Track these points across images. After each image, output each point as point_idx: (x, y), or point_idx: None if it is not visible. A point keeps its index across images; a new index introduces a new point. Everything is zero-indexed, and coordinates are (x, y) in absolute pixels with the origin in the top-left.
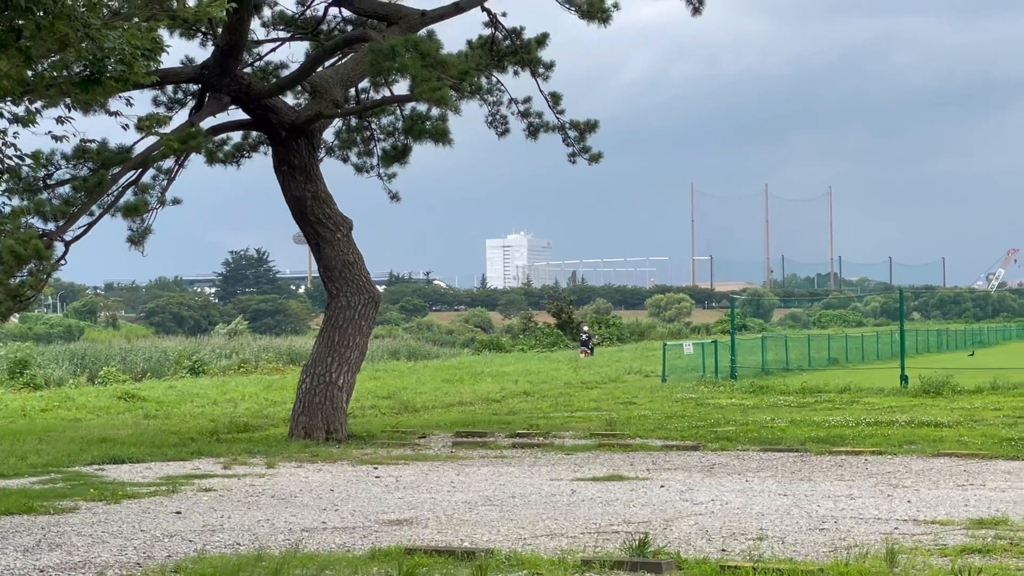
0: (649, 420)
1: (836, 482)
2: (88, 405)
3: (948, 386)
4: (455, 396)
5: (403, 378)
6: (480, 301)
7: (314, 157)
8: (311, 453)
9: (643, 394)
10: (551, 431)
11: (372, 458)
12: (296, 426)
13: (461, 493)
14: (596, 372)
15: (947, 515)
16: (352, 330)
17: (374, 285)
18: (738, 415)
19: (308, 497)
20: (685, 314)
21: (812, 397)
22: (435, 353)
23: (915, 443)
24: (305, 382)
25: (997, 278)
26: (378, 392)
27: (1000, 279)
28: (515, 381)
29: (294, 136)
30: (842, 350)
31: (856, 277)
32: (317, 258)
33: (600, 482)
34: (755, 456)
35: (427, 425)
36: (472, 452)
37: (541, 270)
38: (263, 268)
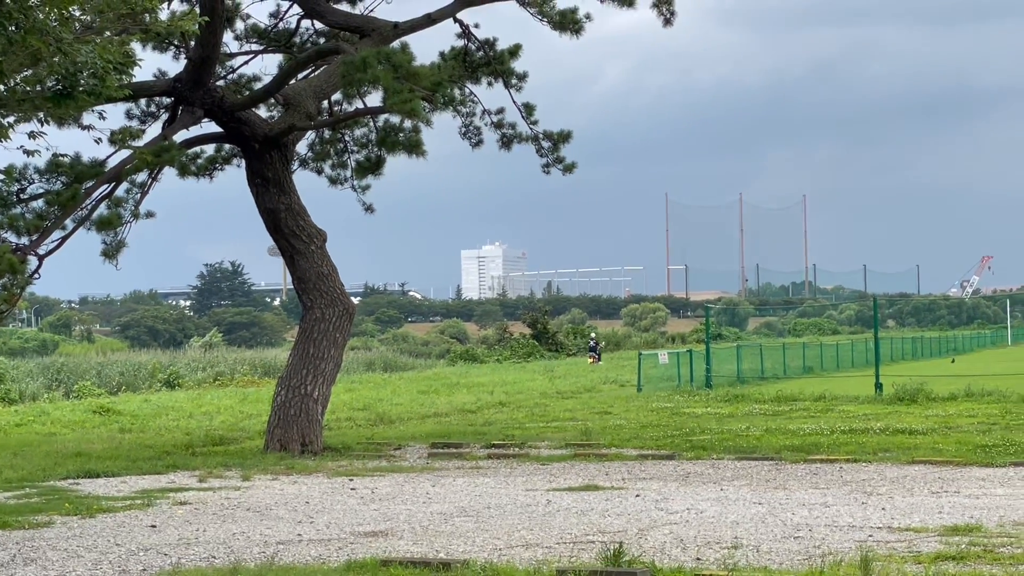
0: (624, 430)
1: (811, 490)
2: (63, 419)
3: (922, 393)
4: (430, 407)
5: (378, 390)
6: (455, 312)
7: (287, 169)
8: (286, 465)
9: (618, 404)
10: (527, 441)
11: (348, 470)
12: (271, 438)
13: (437, 504)
14: (572, 382)
15: (921, 522)
16: (327, 342)
17: (348, 297)
18: (713, 424)
19: (283, 510)
20: (660, 324)
21: (787, 405)
22: (410, 364)
23: (889, 451)
24: (280, 394)
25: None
26: (353, 404)
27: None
28: (491, 392)
29: (267, 148)
30: (817, 358)
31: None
32: (291, 270)
33: (575, 492)
34: (730, 465)
35: (403, 437)
36: (448, 463)
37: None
38: (238, 281)
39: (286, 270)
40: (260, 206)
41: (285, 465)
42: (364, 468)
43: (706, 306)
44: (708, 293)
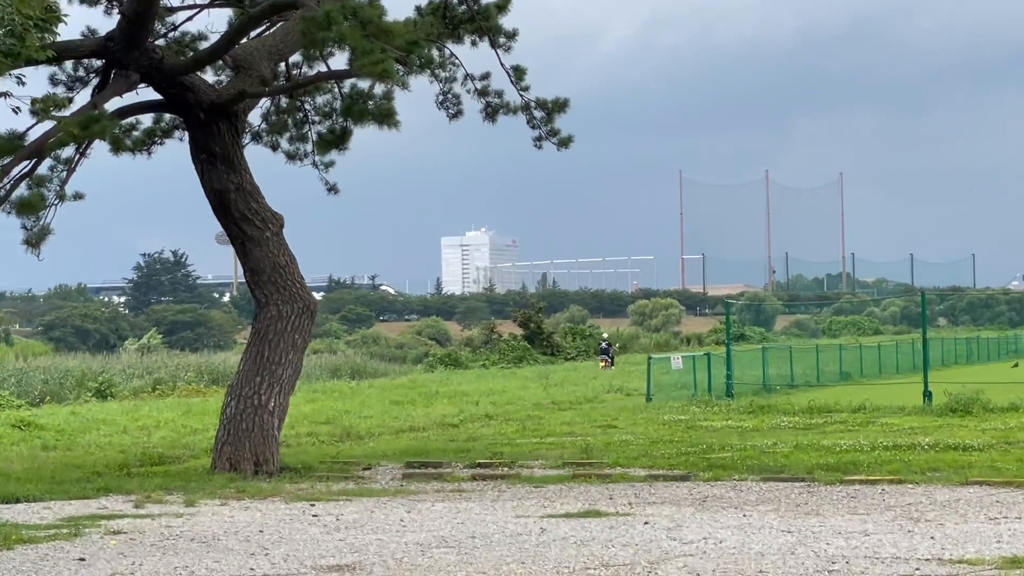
0: (631, 446)
1: (848, 516)
2: None
3: (979, 403)
4: (405, 420)
5: (345, 400)
6: (435, 309)
7: (238, 143)
8: (237, 488)
9: (624, 416)
10: (517, 460)
11: (308, 494)
12: (220, 457)
13: (412, 533)
14: (570, 390)
15: (977, 553)
16: (284, 344)
17: (309, 292)
18: (735, 439)
19: (234, 540)
20: (673, 322)
21: (821, 417)
22: (382, 371)
23: (940, 470)
24: (230, 406)
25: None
26: (315, 417)
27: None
28: (476, 402)
29: (214, 119)
30: (856, 362)
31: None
32: (243, 261)
33: (574, 519)
34: (754, 487)
35: (373, 455)
36: (425, 486)
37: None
38: (181, 273)
39: (237, 261)
40: (206, 186)
41: (236, 488)
42: (328, 491)
43: (726, 302)
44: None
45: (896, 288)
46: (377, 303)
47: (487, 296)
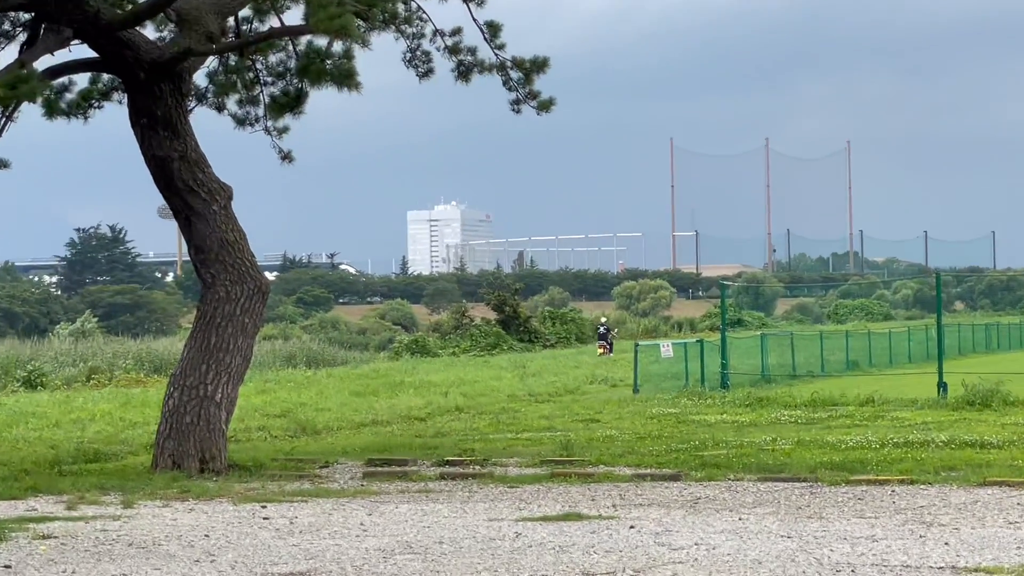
0: (616, 442)
1: (855, 520)
2: None
3: (999, 396)
4: (367, 414)
5: (300, 391)
6: (400, 291)
7: (182, 106)
8: (181, 488)
9: (609, 409)
10: (490, 457)
11: (259, 494)
12: (162, 453)
13: (374, 538)
14: (549, 381)
15: (995, 561)
16: (233, 329)
17: (261, 272)
18: (730, 435)
19: (176, 545)
20: (663, 306)
21: (825, 411)
22: (342, 358)
23: (955, 469)
24: (173, 397)
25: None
26: (268, 409)
27: None
28: (445, 393)
29: (156, 79)
30: (864, 351)
31: (882, 257)
32: (187, 237)
33: (553, 522)
34: (751, 488)
35: (331, 451)
36: (388, 485)
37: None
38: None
39: (181, 237)
40: (147, 154)
41: (179, 488)
42: (281, 492)
43: (722, 284)
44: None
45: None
46: (336, 284)
47: (458, 276)
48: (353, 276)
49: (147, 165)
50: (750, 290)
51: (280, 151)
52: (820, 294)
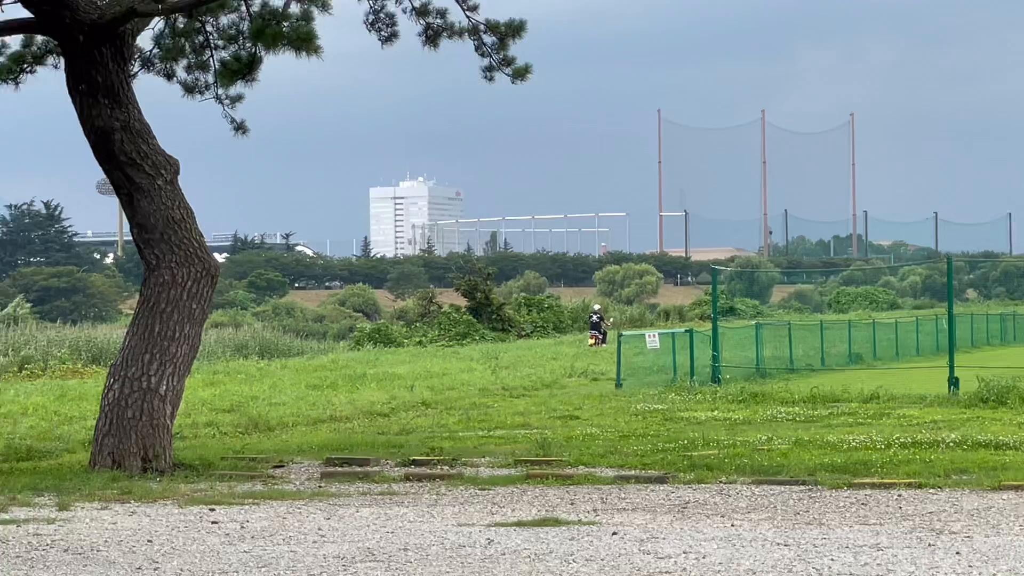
0: (597, 441)
1: (858, 526)
2: None
3: (1015, 392)
4: (325, 409)
5: (252, 384)
6: (362, 275)
7: (125, 72)
8: (121, 489)
9: (589, 404)
10: (460, 457)
11: (208, 496)
12: (100, 451)
13: (332, 544)
14: (524, 374)
15: (1011, 571)
16: (179, 316)
17: (210, 253)
18: (722, 434)
19: (116, 551)
20: (649, 293)
21: (826, 408)
22: (298, 348)
23: (968, 472)
24: (114, 389)
25: None
26: (217, 403)
27: None
28: (410, 387)
29: (97, 43)
30: (868, 342)
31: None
32: (129, 214)
33: (528, 528)
34: (745, 491)
35: (286, 450)
36: (348, 487)
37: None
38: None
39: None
40: (86, 124)
41: (119, 488)
42: (231, 493)
43: (713, 268)
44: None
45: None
46: (292, 267)
47: (425, 259)
48: (310, 258)
49: (86, 136)
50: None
51: (233, 121)
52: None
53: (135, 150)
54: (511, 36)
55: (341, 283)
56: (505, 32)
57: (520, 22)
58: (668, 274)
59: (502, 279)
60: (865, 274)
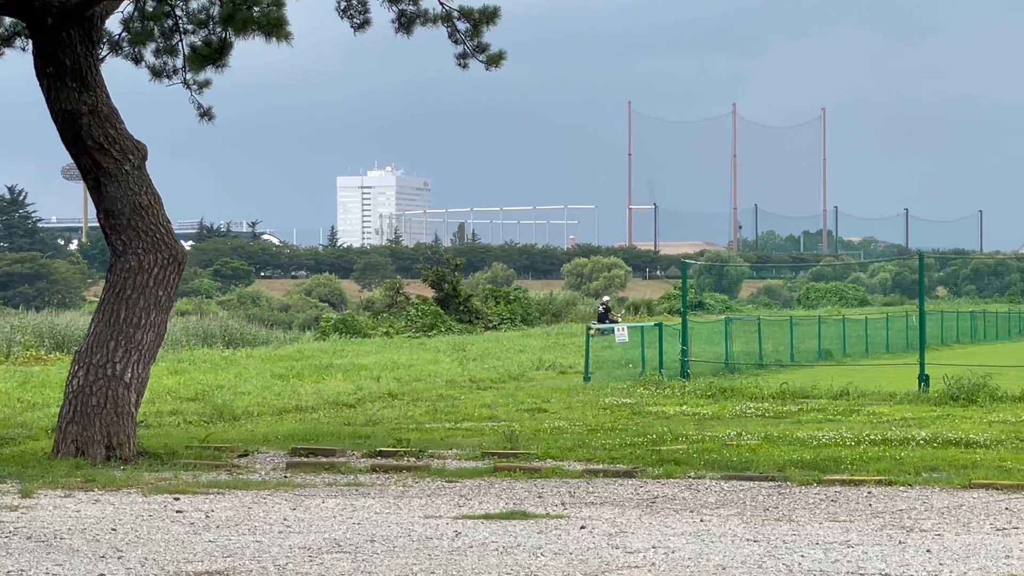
0: (565, 434)
1: (827, 523)
2: None
3: (985, 390)
4: (291, 399)
5: (217, 372)
6: (328, 264)
7: (93, 56)
8: (85, 477)
9: (557, 397)
10: (427, 449)
11: (172, 485)
12: (64, 438)
13: (298, 535)
14: (491, 366)
15: (981, 570)
16: (145, 302)
17: (177, 240)
18: (691, 428)
19: (80, 539)
20: (618, 286)
21: (795, 404)
22: (263, 337)
23: (938, 469)
24: (78, 376)
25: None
26: (181, 392)
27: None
28: (377, 378)
29: (65, 25)
30: (838, 339)
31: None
32: (96, 200)
33: (495, 521)
34: (714, 486)
35: (251, 439)
36: (314, 477)
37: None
38: (18, 214)
39: (88, 200)
40: (53, 107)
41: (83, 476)
42: (195, 483)
43: (683, 262)
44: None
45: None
46: (258, 255)
47: (392, 250)
48: (276, 247)
49: (53, 120)
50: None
51: (200, 107)
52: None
53: (103, 134)
54: (485, 22)
55: (307, 272)
56: (479, 18)
57: (494, 8)
58: (637, 268)
59: (470, 270)
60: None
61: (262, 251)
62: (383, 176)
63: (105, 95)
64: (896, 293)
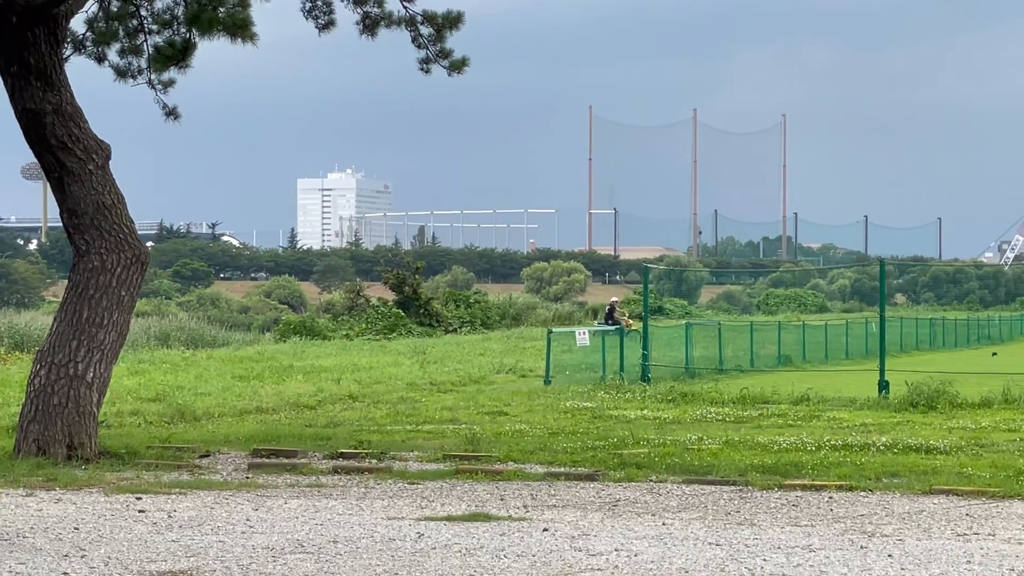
0: (527, 437)
1: (789, 528)
2: None
3: (945, 397)
4: (251, 400)
5: (177, 373)
6: (288, 266)
7: (58, 55)
8: (46, 476)
9: (518, 401)
10: (388, 451)
11: (134, 485)
12: (25, 438)
13: (261, 535)
14: (452, 368)
15: (943, 575)
16: (108, 302)
17: (140, 240)
18: (652, 433)
19: (42, 538)
20: (577, 290)
21: (755, 409)
22: (223, 339)
23: (898, 475)
24: (39, 376)
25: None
26: (142, 392)
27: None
28: (337, 380)
29: (30, 24)
30: (797, 344)
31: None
32: (59, 199)
33: (458, 523)
34: (675, 490)
35: (212, 440)
36: (276, 478)
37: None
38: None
39: (47, 200)
40: (16, 106)
41: (44, 475)
42: (157, 483)
43: (645, 266)
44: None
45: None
46: (217, 257)
47: (352, 252)
48: (236, 249)
49: (17, 119)
50: (672, 275)
51: (164, 106)
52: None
53: (66, 134)
54: (448, 28)
55: (267, 274)
56: (442, 23)
57: (458, 13)
58: (596, 272)
59: (429, 273)
60: (794, 276)
61: (222, 253)
62: (343, 178)
63: (69, 94)
64: (855, 300)
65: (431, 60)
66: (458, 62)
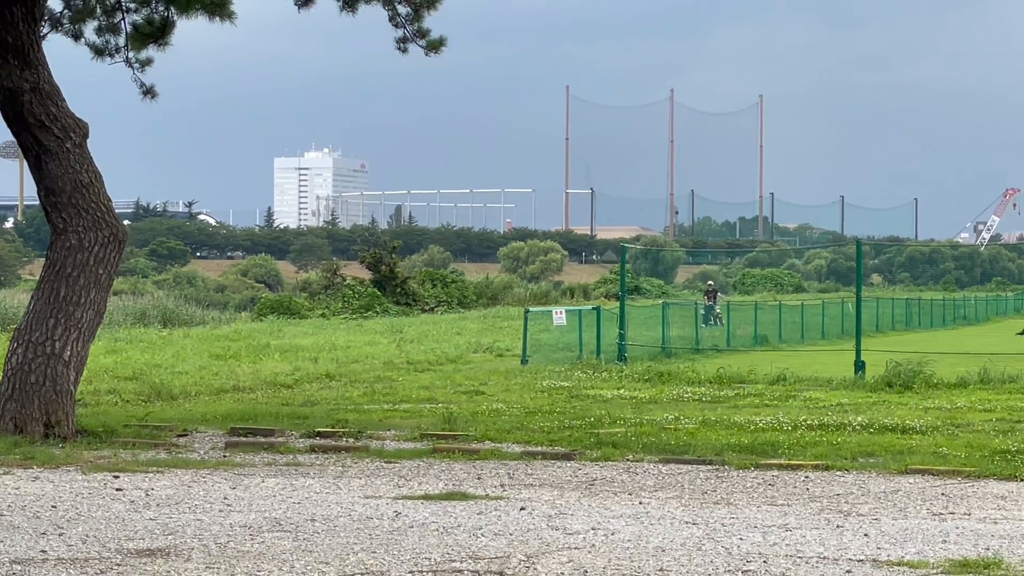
0: (504, 416)
1: (765, 507)
2: None
3: (921, 377)
4: (228, 378)
5: (154, 351)
6: (265, 245)
7: (35, 33)
8: (24, 454)
9: (495, 380)
10: (365, 430)
11: (111, 463)
12: (2, 416)
13: (239, 514)
14: (428, 348)
15: (919, 554)
16: (85, 280)
17: (118, 218)
18: (629, 412)
19: (20, 516)
20: (554, 270)
21: (732, 389)
22: (200, 318)
23: (875, 455)
24: (17, 354)
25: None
26: (119, 371)
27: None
28: (314, 359)
29: (7, 2)
30: (773, 324)
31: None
32: (37, 177)
33: (435, 501)
34: (652, 469)
35: (189, 418)
36: (253, 457)
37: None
38: None
39: (23, 179)
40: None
41: (22, 454)
42: (135, 461)
43: (623, 245)
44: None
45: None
46: (194, 236)
47: (329, 231)
48: (213, 227)
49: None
50: (649, 255)
51: (142, 85)
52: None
53: (44, 112)
54: (426, 7)
55: (243, 253)
56: (420, 3)
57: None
58: (573, 252)
59: (406, 253)
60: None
61: (198, 231)
62: (320, 158)
63: (47, 73)
64: (831, 280)
65: (408, 39)
66: (435, 42)
